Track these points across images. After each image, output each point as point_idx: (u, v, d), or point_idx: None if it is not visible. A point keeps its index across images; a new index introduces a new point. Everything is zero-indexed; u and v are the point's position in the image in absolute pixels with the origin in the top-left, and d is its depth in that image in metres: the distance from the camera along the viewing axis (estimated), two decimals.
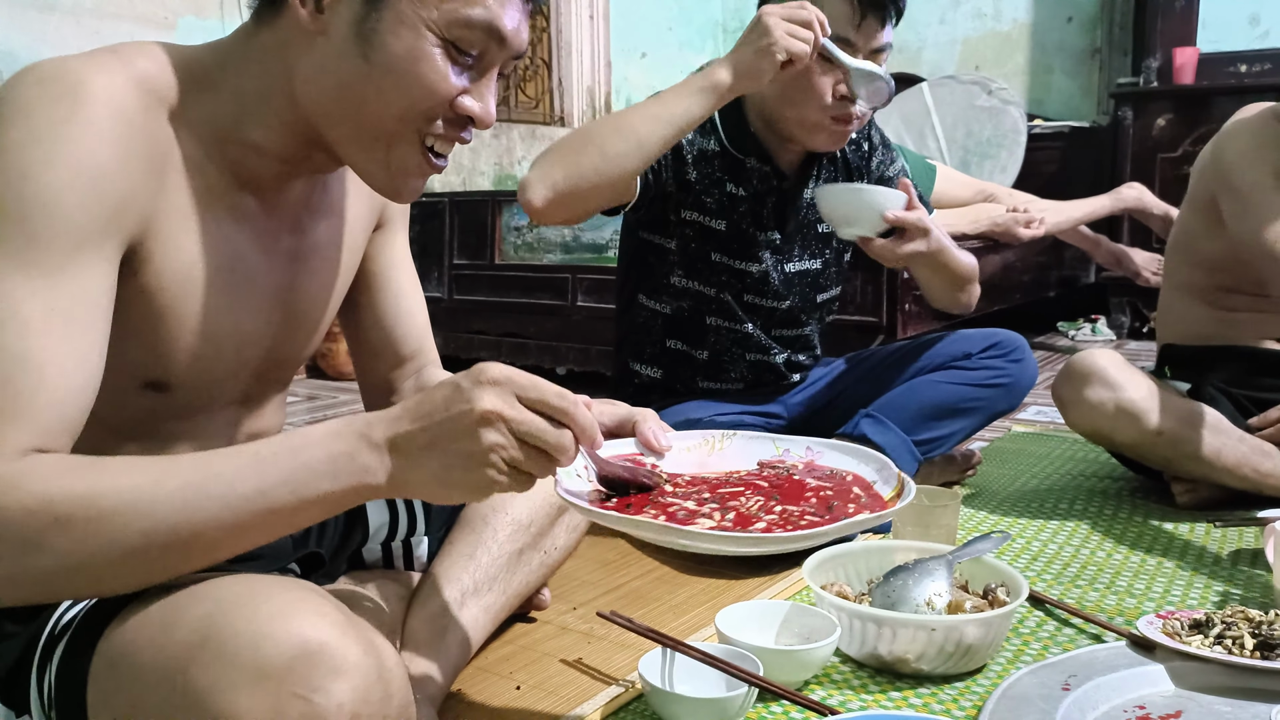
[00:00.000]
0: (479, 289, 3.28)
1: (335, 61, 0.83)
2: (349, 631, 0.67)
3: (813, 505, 0.86)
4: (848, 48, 1.54)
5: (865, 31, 1.55)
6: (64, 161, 0.74)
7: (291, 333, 0.98)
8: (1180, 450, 1.63)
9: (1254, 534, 1.59)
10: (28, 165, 0.73)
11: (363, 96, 0.83)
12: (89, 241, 0.75)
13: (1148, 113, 4.01)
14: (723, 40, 5.53)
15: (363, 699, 0.65)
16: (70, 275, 0.74)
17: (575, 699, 1.10)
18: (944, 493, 1.47)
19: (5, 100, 0.75)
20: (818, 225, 1.78)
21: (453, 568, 1.12)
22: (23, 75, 0.77)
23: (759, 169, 1.69)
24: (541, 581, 1.24)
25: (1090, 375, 1.64)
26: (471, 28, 0.82)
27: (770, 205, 1.72)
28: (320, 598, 0.69)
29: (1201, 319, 1.79)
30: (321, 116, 0.86)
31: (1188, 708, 1.04)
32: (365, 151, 0.86)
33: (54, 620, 0.80)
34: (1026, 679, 1.08)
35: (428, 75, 0.82)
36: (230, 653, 0.64)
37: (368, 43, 0.82)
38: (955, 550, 1.25)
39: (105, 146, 0.76)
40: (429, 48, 0.82)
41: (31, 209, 0.72)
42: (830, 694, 1.10)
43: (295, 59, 0.84)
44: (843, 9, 1.53)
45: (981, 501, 1.82)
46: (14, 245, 0.72)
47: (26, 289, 0.72)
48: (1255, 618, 1.16)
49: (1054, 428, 2.41)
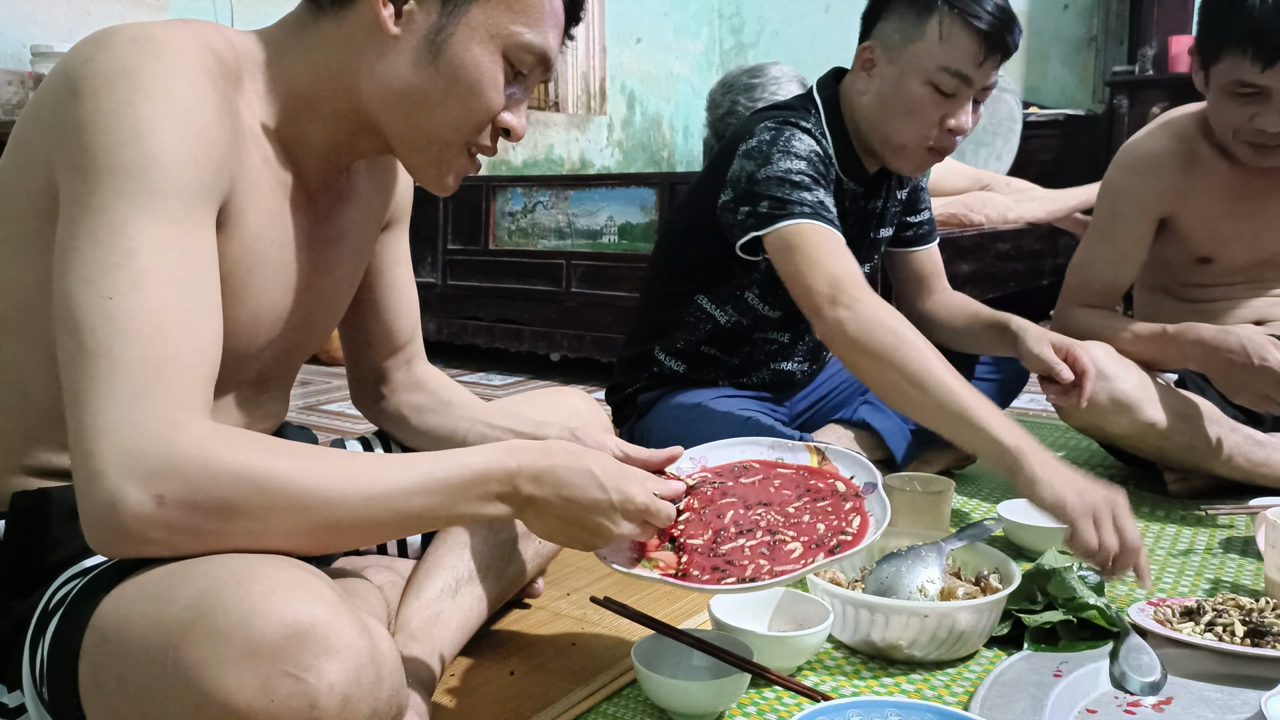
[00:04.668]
0: (473, 275, 3.27)
1: (406, 66, 0.87)
2: (342, 613, 0.67)
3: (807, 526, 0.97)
4: (965, 85, 1.51)
5: (984, 71, 1.51)
6: (175, 117, 0.75)
7: (315, 316, 1.00)
8: (1173, 441, 1.64)
9: (1245, 522, 1.60)
10: (139, 121, 0.74)
11: (427, 102, 0.88)
12: (202, 196, 0.77)
13: (1143, 101, 4.01)
14: (719, 26, 5.51)
15: (355, 680, 0.65)
16: (194, 229, 0.76)
17: (569, 684, 1.11)
18: (937, 480, 1.47)
19: (95, 60, 0.76)
20: (871, 234, 1.76)
21: (448, 555, 1.12)
22: (107, 37, 0.78)
23: (851, 189, 1.67)
24: (536, 571, 1.25)
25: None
26: (530, 51, 0.89)
27: (852, 220, 1.69)
28: (315, 578, 0.69)
29: (1174, 312, 1.80)
30: (382, 113, 0.90)
31: (1178, 694, 1.04)
32: (419, 151, 0.92)
33: (48, 595, 0.80)
34: (1018, 665, 1.08)
35: (488, 90, 0.88)
36: (222, 629, 0.64)
37: (439, 53, 0.87)
38: (948, 537, 1.25)
39: (206, 106, 0.78)
40: (492, 64, 0.88)
41: (151, 163, 0.73)
42: (823, 680, 1.10)
43: (360, 56, 0.88)
44: (970, 47, 1.49)
45: (974, 488, 1.82)
46: (140, 199, 0.73)
47: (166, 243, 0.73)
48: (1246, 605, 1.17)
49: (1047, 416, 2.42)
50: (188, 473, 0.68)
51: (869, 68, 1.58)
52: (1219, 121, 1.67)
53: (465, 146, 0.92)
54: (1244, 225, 1.73)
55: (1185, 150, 1.74)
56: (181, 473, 0.68)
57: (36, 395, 0.83)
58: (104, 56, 0.76)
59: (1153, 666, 1.06)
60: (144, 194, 0.73)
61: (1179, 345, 1.62)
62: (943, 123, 1.53)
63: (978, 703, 1.00)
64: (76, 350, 0.70)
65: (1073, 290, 1.82)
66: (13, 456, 0.86)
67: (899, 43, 1.53)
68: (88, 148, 0.73)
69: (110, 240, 0.71)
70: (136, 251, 0.72)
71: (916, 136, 1.54)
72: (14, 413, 0.85)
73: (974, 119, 1.56)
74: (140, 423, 0.68)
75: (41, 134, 0.78)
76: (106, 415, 0.68)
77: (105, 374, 0.69)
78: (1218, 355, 1.57)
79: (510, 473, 0.81)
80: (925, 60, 1.50)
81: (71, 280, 0.71)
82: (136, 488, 0.67)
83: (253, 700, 0.63)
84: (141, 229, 0.72)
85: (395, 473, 0.76)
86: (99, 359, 0.69)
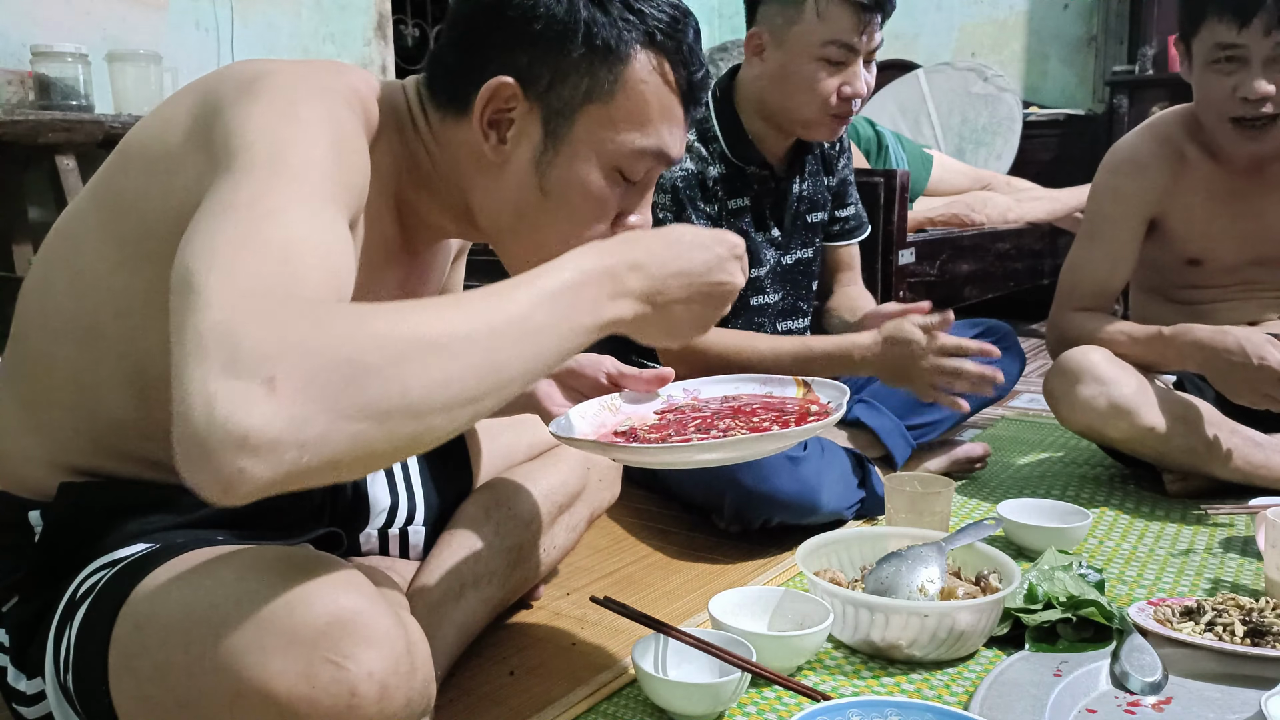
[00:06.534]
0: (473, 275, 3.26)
1: (513, 191, 0.88)
2: (379, 603, 0.68)
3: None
4: (852, 54, 1.57)
5: (867, 36, 1.57)
6: (336, 137, 0.75)
7: None
8: (1172, 445, 1.64)
9: (1245, 521, 1.60)
10: (301, 129, 0.72)
11: (537, 223, 0.89)
12: (347, 206, 0.73)
13: (1143, 100, 4.00)
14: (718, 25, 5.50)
15: (392, 669, 0.66)
16: (339, 215, 0.70)
17: (568, 684, 1.11)
18: (937, 479, 1.47)
19: (262, 76, 0.76)
20: (808, 216, 1.82)
21: (453, 559, 1.12)
22: (264, 68, 0.78)
23: (758, 174, 1.71)
24: (539, 579, 1.25)
25: (1081, 372, 1.63)
26: (642, 158, 0.88)
27: (769, 205, 1.74)
28: (351, 569, 0.70)
29: (1168, 314, 1.80)
30: (493, 231, 0.91)
31: (1178, 694, 1.04)
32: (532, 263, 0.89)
33: (76, 584, 0.81)
34: (1018, 665, 1.08)
35: (596, 205, 0.88)
36: (264, 617, 0.64)
37: (544, 175, 0.87)
38: (948, 537, 1.25)
39: (360, 139, 0.79)
40: (600, 179, 0.88)
41: (305, 164, 0.69)
42: (823, 679, 1.11)
43: (473, 171, 0.89)
44: (848, 19, 1.55)
45: (974, 489, 1.82)
46: (296, 188, 0.67)
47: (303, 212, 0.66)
48: (1246, 605, 1.17)
49: (1046, 415, 2.41)
50: (299, 344, 0.55)
51: (759, 53, 1.64)
52: (1205, 105, 1.67)
53: None
54: (1232, 226, 1.74)
55: (1172, 152, 1.74)
56: (293, 346, 0.55)
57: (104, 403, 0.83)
58: (265, 81, 0.75)
59: (1154, 666, 1.06)
60: (297, 185, 0.68)
61: (1176, 347, 1.62)
62: (840, 91, 1.59)
63: (978, 703, 1.00)
64: (186, 283, 0.59)
65: (1065, 294, 1.83)
66: (66, 455, 0.86)
67: (782, 25, 1.60)
68: (245, 138, 0.70)
69: (248, 213, 0.64)
70: (274, 214, 0.64)
71: (817, 109, 1.61)
72: (72, 412, 0.85)
73: (871, 79, 1.63)
74: (247, 313, 0.56)
75: (186, 151, 0.76)
76: (209, 320, 0.56)
77: (215, 289, 0.58)
78: (1216, 356, 1.57)
79: (610, 268, 0.75)
80: (810, 38, 1.57)
81: (197, 243, 0.62)
82: (242, 379, 0.53)
83: (293, 687, 0.63)
84: (288, 202, 0.66)
85: (508, 292, 0.68)
86: (211, 276, 0.59)
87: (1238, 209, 1.73)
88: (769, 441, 0.89)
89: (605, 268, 0.75)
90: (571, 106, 0.86)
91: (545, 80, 0.85)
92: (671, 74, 0.88)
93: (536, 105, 0.86)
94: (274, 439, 0.53)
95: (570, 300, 0.71)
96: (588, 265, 0.74)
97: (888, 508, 1.47)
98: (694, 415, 1.01)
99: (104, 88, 2.72)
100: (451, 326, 0.62)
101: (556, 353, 0.70)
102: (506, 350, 0.65)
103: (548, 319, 0.69)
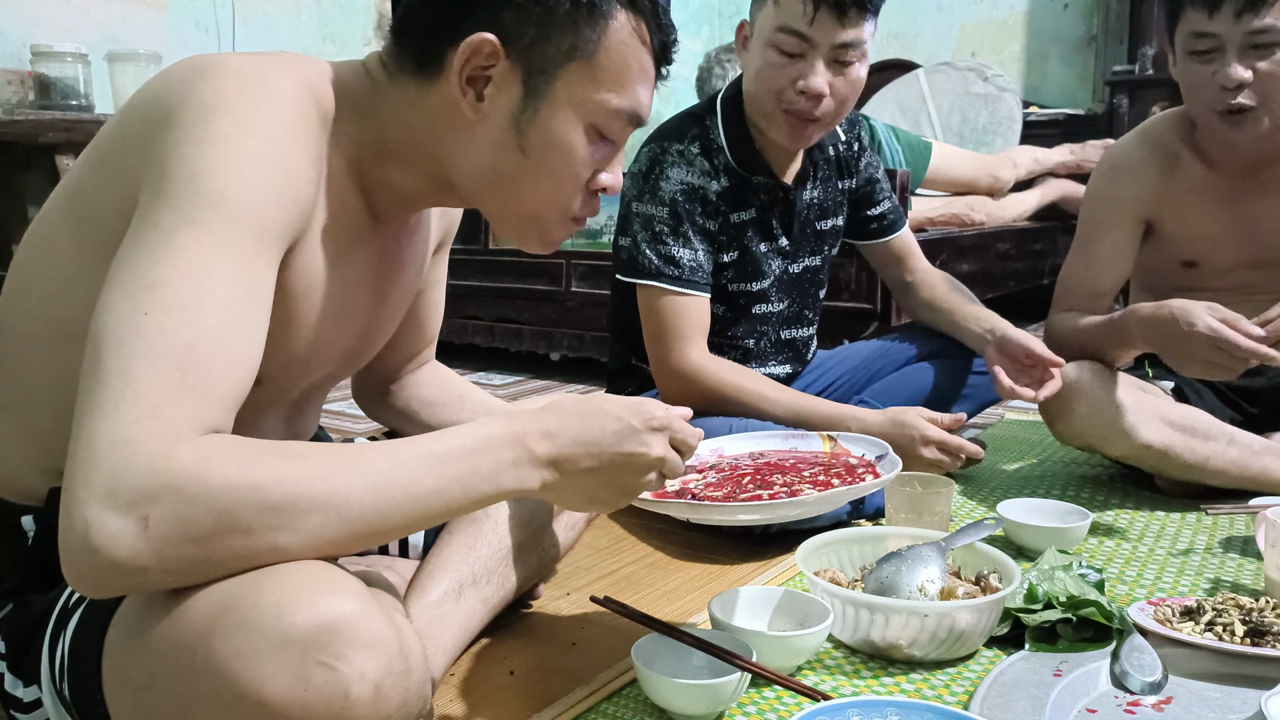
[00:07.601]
0: (472, 274, 3.27)
1: (491, 150, 0.87)
2: (371, 604, 0.67)
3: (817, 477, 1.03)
4: (806, 45, 1.52)
5: (821, 27, 1.50)
6: (266, 158, 0.75)
7: (367, 345, 1.02)
8: (1170, 460, 1.63)
9: (1244, 521, 1.60)
10: (230, 157, 0.73)
11: (516, 182, 0.88)
12: (276, 237, 0.76)
13: (1143, 100, 4.01)
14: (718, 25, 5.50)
15: (385, 670, 0.66)
16: (258, 265, 0.74)
17: (568, 684, 1.10)
18: (937, 479, 1.47)
19: (197, 90, 0.76)
20: (818, 223, 1.80)
21: (452, 558, 1.12)
22: (211, 66, 0.78)
23: (765, 183, 1.69)
24: (538, 578, 1.25)
25: (1075, 391, 1.62)
26: (619, 117, 0.88)
27: (776, 214, 1.72)
28: (342, 572, 0.70)
29: None
30: (472, 191, 0.91)
31: (1178, 694, 1.04)
32: (513, 224, 0.92)
33: (69, 591, 0.80)
34: (1018, 665, 1.08)
35: (576, 165, 0.88)
36: (254, 621, 0.64)
37: (523, 134, 0.86)
38: (948, 537, 1.25)
39: (298, 151, 0.79)
40: (578, 137, 0.87)
41: (231, 198, 0.73)
42: (823, 679, 1.11)
43: (447, 132, 0.88)
44: (797, 6, 1.50)
45: (974, 488, 1.82)
46: (218, 230, 0.72)
47: (226, 272, 0.71)
48: (1245, 605, 1.17)
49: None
50: (178, 490, 0.62)
51: (745, 45, 1.64)
52: (1189, 97, 1.68)
53: (562, 215, 0.92)
54: (1226, 228, 1.73)
55: (1165, 155, 1.75)
56: (171, 490, 0.62)
57: None
58: (206, 87, 0.76)
59: (1154, 666, 1.06)
60: (217, 224, 0.72)
61: (1124, 328, 1.63)
62: (795, 85, 1.55)
63: (978, 702, 1.00)
64: (95, 364, 0.66)
65: (1059, 298, 1.84)
66: (54, 460, 0.85)
67: (754, 13, 1.60)
68: (172, 173, 0.73)
69: (168, 260, 0.69)
70: (191, 275, 0.69)
71: (771, 101, 1.58)
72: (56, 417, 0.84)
73: (848, 84, 1.56)
74: (137, 441, 0.63)
75: (134, 156, 0.77)
76: (104, 435, 0.63)
77: (115, 394, 0.65)
78: (1156, 330, 1.56)
79: (517, 435, 0.77)
80: (767, 24, 1.55)
81: (114, 292, 0.69)
82: (118, 513, 0.61)
83: (287, 690, 0.63)
84: (204, 255, 0.70)
85: (401, 455, 0.71)
86: (113, 377, 0.65)
87: (1232, 212, 1.73)
88: (847, 495, 0.98)
89: (513, 435, 0.77)
90: (554, 64, 0.85)
91: (529, 37, 0.84)
92: (648, 35, 0.88)
93: (517, 63, 0.85)
94: (140, 568, 0.62)
95: (464, 467, 0.74)
96: (491, 433, 0.76)
97: (888, 508, 1.47)
98: (738, 472, 1.05)
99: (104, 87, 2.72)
100: (334, 485, 0.67)
101: (444, 514, 0.74)
102: (387, 511, 0.70)
103: (436, 484, 0.72)
